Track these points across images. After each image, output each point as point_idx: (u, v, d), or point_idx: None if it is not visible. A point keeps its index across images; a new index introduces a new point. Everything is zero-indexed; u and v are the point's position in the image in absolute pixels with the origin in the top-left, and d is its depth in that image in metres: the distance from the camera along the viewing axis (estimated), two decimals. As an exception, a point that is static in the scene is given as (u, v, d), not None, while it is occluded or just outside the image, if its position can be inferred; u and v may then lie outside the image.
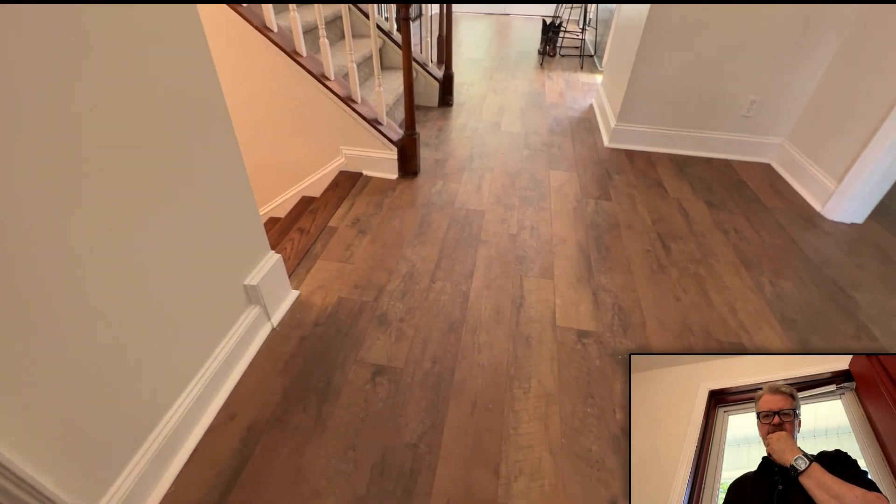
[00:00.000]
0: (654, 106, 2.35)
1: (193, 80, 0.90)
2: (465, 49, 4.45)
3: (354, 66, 1.89)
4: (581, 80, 3.62)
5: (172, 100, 0.85)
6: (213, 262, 1.04)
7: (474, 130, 2.65)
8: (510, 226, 1.80)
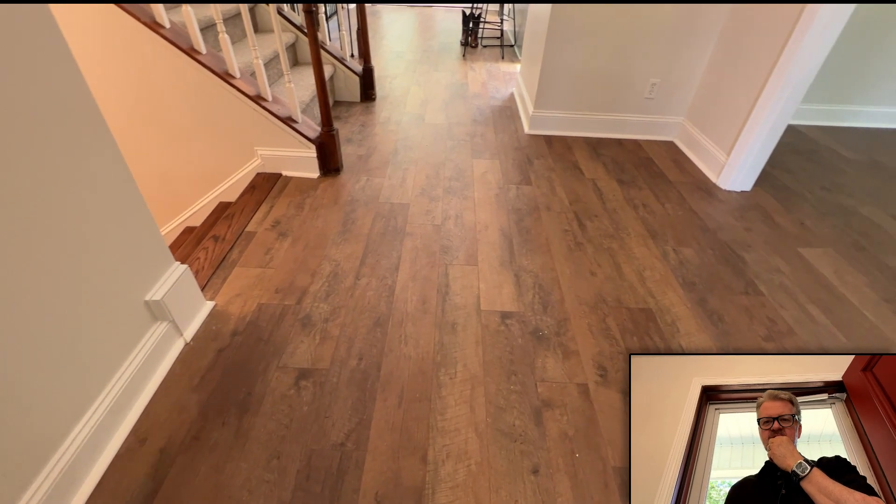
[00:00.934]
0: (567, 92, 2.45)
1: (52, 86, 0.82)
2: (388, 42, 4.40)
3: (261, 63, 1.81)
4: (502, 70, 3.70)
5: (26, 109, 0.77)
6: (102, 280, 0.96)
7: (398, 124, 2.64)
8: (435, 217, 1.81)
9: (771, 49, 1.82)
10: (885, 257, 1.69)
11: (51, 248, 0.83)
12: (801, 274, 1.59)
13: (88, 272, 0.93)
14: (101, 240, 0.96)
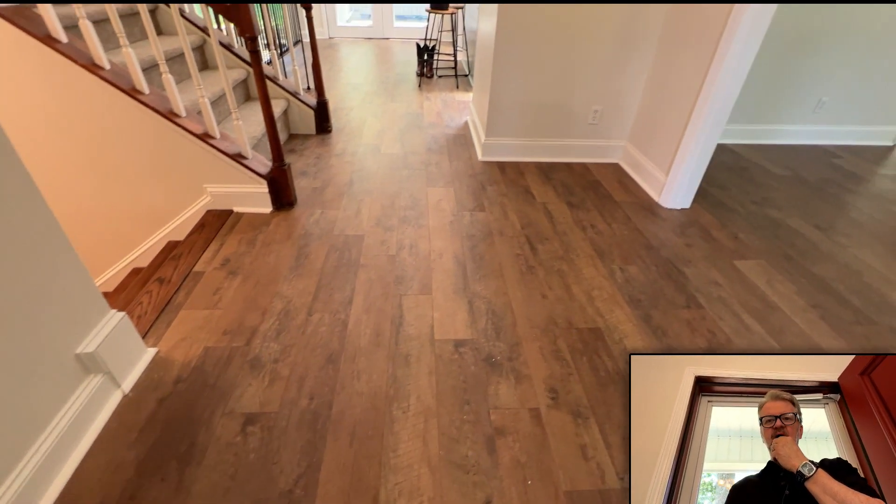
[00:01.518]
0: (516, 120, 2.56)
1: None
2: (344, 74, 4.47)
3: (207, 102, 1.80)
4: (457, 99, 3.82)
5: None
6: (25, 333, 0.91)
7: (354, 155, 2.66)
8: (389, 247, 1.82)
9: (696, 75, 1.97)
10: (811, 266, 1.82)
11: (-38, 307, 0.79)
12: (736, 286, 1.68)
13: (8, 325, 0.88)
14: (24, 291, 0.91)
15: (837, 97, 2.98)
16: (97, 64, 1.68)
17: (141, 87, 1.74)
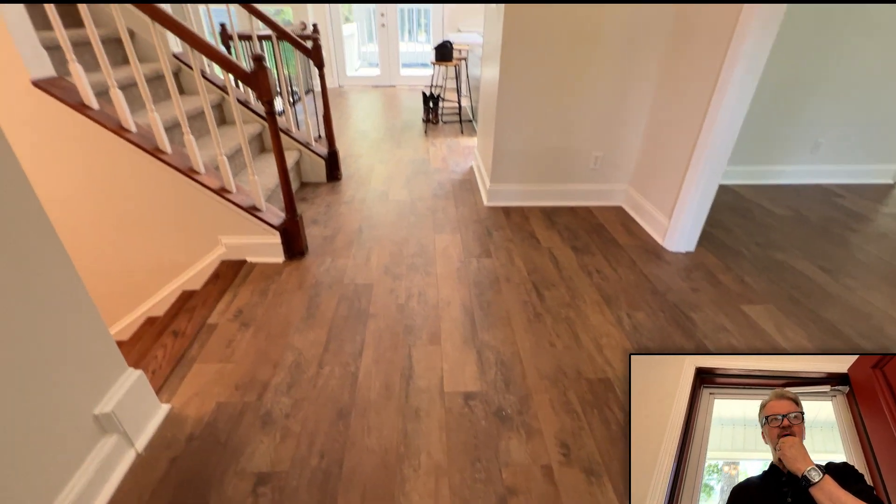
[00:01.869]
0: (519, 166, 2.64)
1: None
2: (353, 122, 4.66)
3: (225, 160, 1.90)
4: (462, 144, 3.95)
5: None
6: (44, 393, 0.94)
7: (363, 202, 2.75)
8: (398, 295, 1.86)
9: (693, 118, 2.04)
10: (819, 309, 1.81)
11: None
12: (745, 331, 1.68)
13: (29, 385, 0.91)
14: (45, 349, 0.95)
15: (834, 137, 3.05)
16: (125, 127, 1.79)
17: (164, 147, 1.85)
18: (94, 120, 1.72)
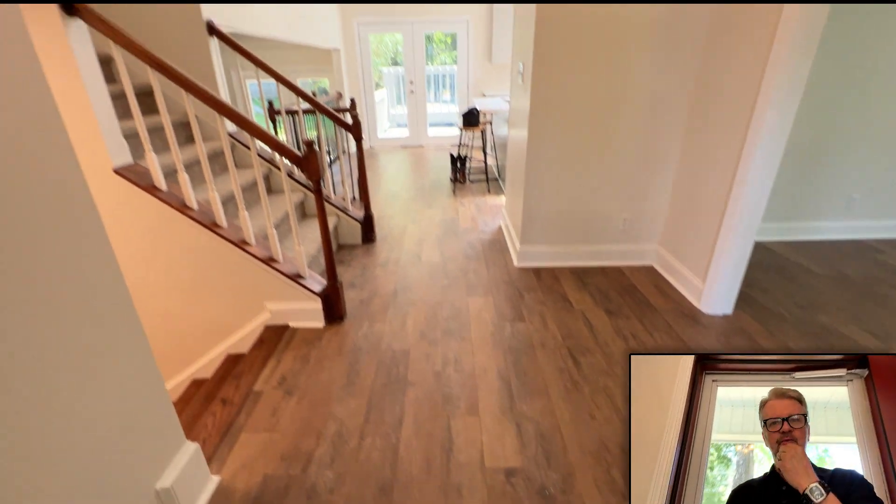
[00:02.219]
0: (549, 227, 2.71)
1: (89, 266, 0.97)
2: (384, 183, 4.91)
3: (274, 232, 2.05)
4: (489, 203, 4.09)
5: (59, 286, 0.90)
6: (108, 469, 1.00)
7: (397, 264, 2.85)
8: (435, 362, 1.89)
9: (723, 179, 2.06)
10: (873, 379, 1.74)
11: (57, 431, 0.89)
12: (795, 404, 1.62)
13: (96, 456, 0.97)
14: (114, 417, 1.02)
15: (870, 192, 3.02)
16: (187, 206, 1.97)
17: (221, 222, 2.01)
18: (163, 200, 1.90)
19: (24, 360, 0.79)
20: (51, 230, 0.86)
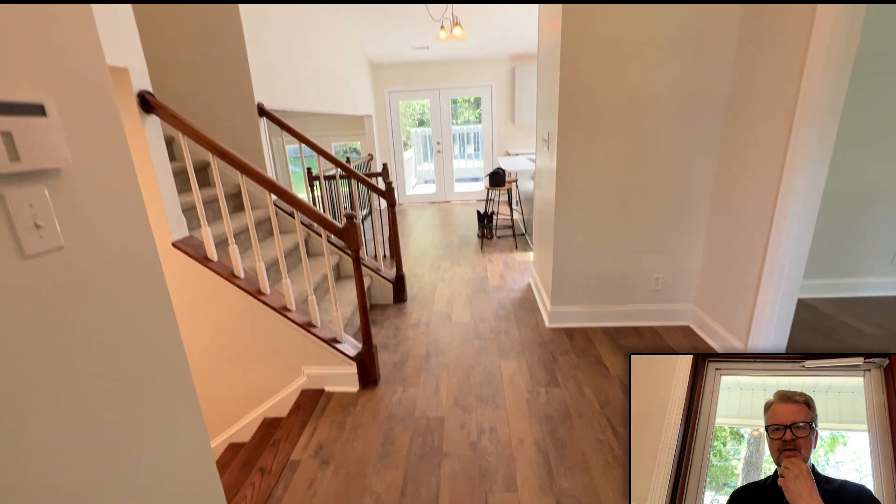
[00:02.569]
0: (580, 287, 2.72)
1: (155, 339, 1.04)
2: (413, 239, 5.05)
3: (313, 299, 2.15)
4: (517, 260, 4.13)
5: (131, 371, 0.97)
6: (170, 559, 1.03)
7: (428, 325, 2.89)
8: (470, 432, 1.87)
9: (758, 237, 2.04)
10: (945, 458, 1.61)
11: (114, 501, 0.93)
12: (859, 485, 1.51)
13: (162, 554, 1.00)
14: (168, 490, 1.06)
15: (914, 245, 2.92)
16: (235, 275, 2.10)
17: (265, 289, 2.13)
18: (214, 270, 2.04)
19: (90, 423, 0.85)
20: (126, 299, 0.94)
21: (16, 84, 0.69)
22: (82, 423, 0.80)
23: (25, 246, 0.69)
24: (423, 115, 8.99)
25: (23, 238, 0.69)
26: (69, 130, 0.76)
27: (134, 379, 0.94)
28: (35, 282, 0.71)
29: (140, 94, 1.84)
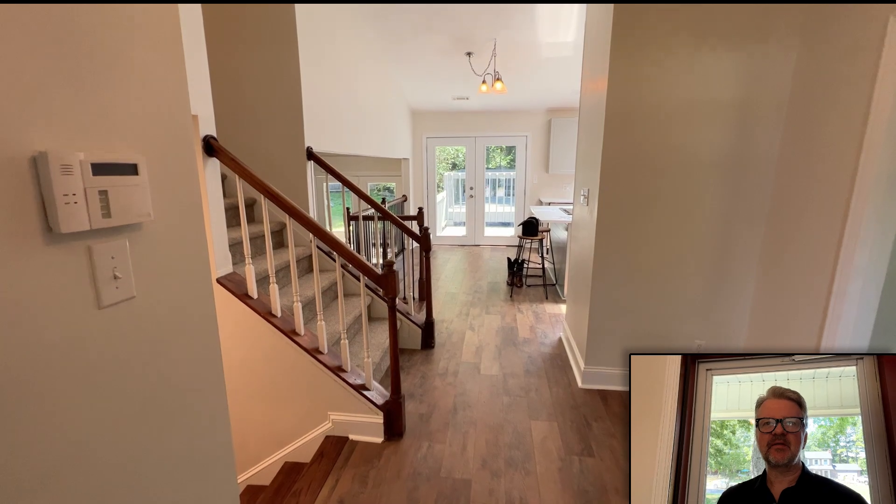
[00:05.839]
0: (616, 347, 2.61)
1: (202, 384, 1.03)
2: (442, 283, 5.05)
3: (346, 343, 2.14)
4: (548, 312, 4.04)
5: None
6: None
7: (455, 375, 2.82)
8: (498, 499, 1.76)
9: (811, 315, 1.91)
10: None
11: None
12: None
13: None
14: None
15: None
16: (272, 313, 2.13)
17: (300, 330, 2.14)
18: (252, 308, 2.08)
19: (125, 461, 0.83)
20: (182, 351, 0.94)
21: (116, 144, 0.73)
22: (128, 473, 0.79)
23: (103, 297, 0.72)
24: (457, 159, 9.24)
25: (102, 289, 0.71)
26: (153, 185, 0.80)
27: (180, 431, 0.93)
28: (106, 332, 0.73)
29: (205, 138, 1.96)
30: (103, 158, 0.69)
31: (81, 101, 0.67)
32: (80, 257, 0.69)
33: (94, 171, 0.68)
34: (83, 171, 0.66)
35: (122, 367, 0.76)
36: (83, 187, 0.66)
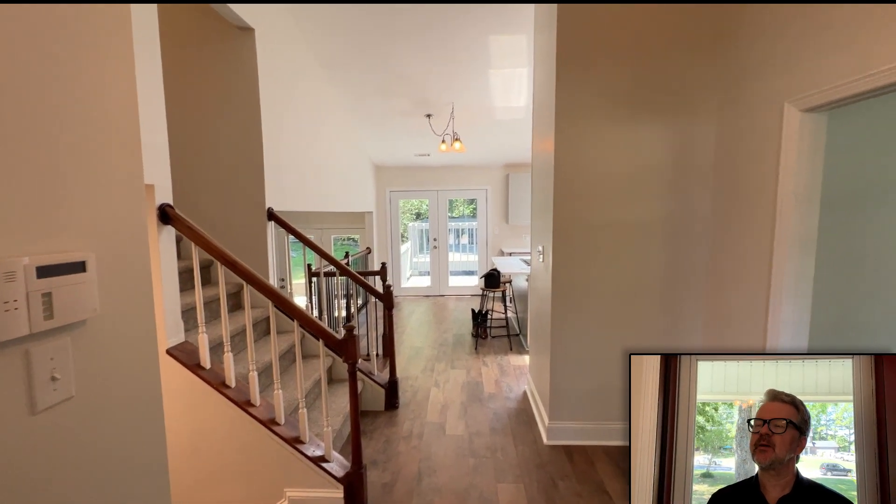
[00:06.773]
0: (579, 402, 2.64)
1: None
2: (407, 336, 4.99)
3: (304, 412, 2.06)
4: (512, 364, 4.06)
5: None
6: None
7: (420, 437, 2.74)
8: (465, 577, 1.69)
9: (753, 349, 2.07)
10: None
11: None
12: None
13: None
14: None
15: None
16: (226, 384, 2.03)
17: (255, 400, 2.05)
18: (204, 379, 1.98)
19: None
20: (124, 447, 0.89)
21: (65, 241, 0.73)
22: None
23: (39, 401, 0.69)
24: (420, 209, 9.44)
25: (37, 393, 0.69)
26: (103, 278, 0.80)
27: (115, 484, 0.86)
28: (40, 438, 0.70)
29: (161, 206, 1.94)
30: (49, 261, 0.69)
31: (26, 203, 0.67)
32: (16, 362, 0.67)
33: (38, 275, 0.67)
34: (27, 275, 0.66)
35: (58, 473, 0.72)
36: (25, 292, 0.66)
